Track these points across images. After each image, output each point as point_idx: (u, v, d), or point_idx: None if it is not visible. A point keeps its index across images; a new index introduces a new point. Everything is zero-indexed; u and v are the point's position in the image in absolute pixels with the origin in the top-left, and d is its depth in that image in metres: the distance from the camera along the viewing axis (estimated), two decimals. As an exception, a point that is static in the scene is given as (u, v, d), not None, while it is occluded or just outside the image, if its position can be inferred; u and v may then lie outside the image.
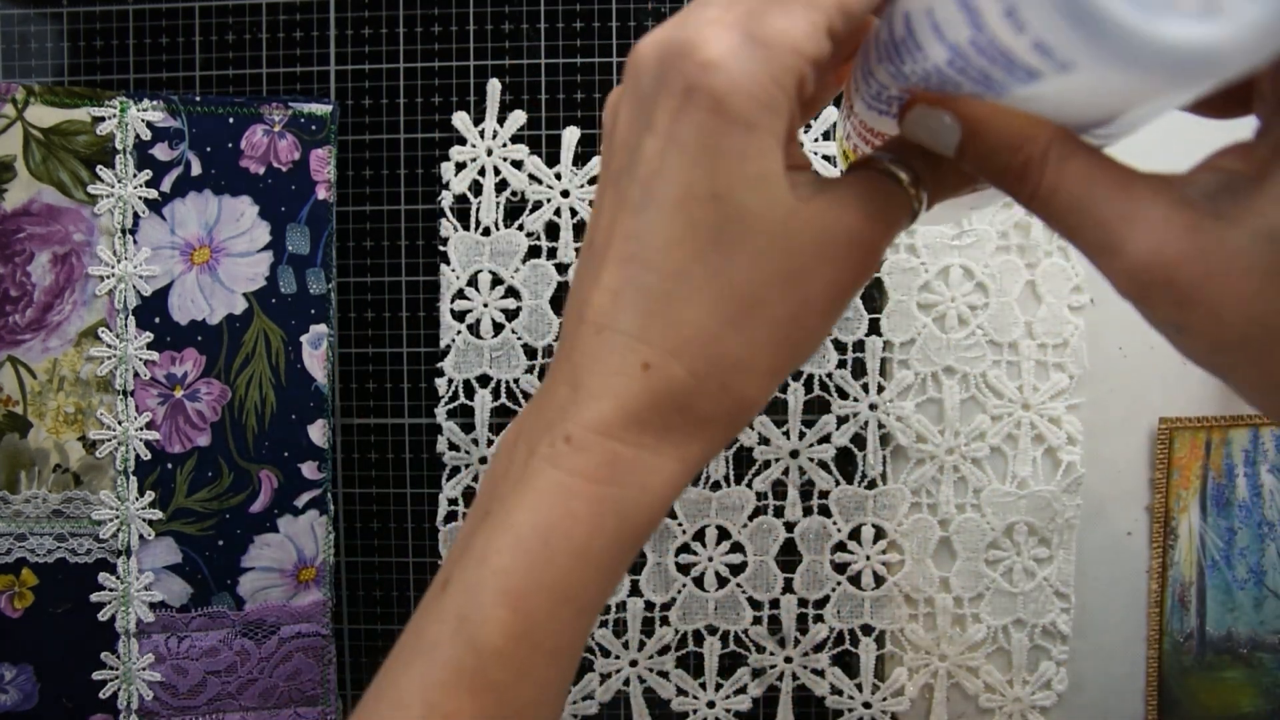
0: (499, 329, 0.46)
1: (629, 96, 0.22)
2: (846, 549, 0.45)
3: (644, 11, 0.45)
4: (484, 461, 0.46)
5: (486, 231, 0.46)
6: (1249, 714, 0.45)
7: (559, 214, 0.45)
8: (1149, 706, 0.45)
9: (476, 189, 0.46)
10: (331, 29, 0.46)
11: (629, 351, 0.21)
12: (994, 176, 0.21)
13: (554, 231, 0.46)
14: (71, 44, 0.46)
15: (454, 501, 0.46)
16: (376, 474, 0.47)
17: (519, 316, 0.46)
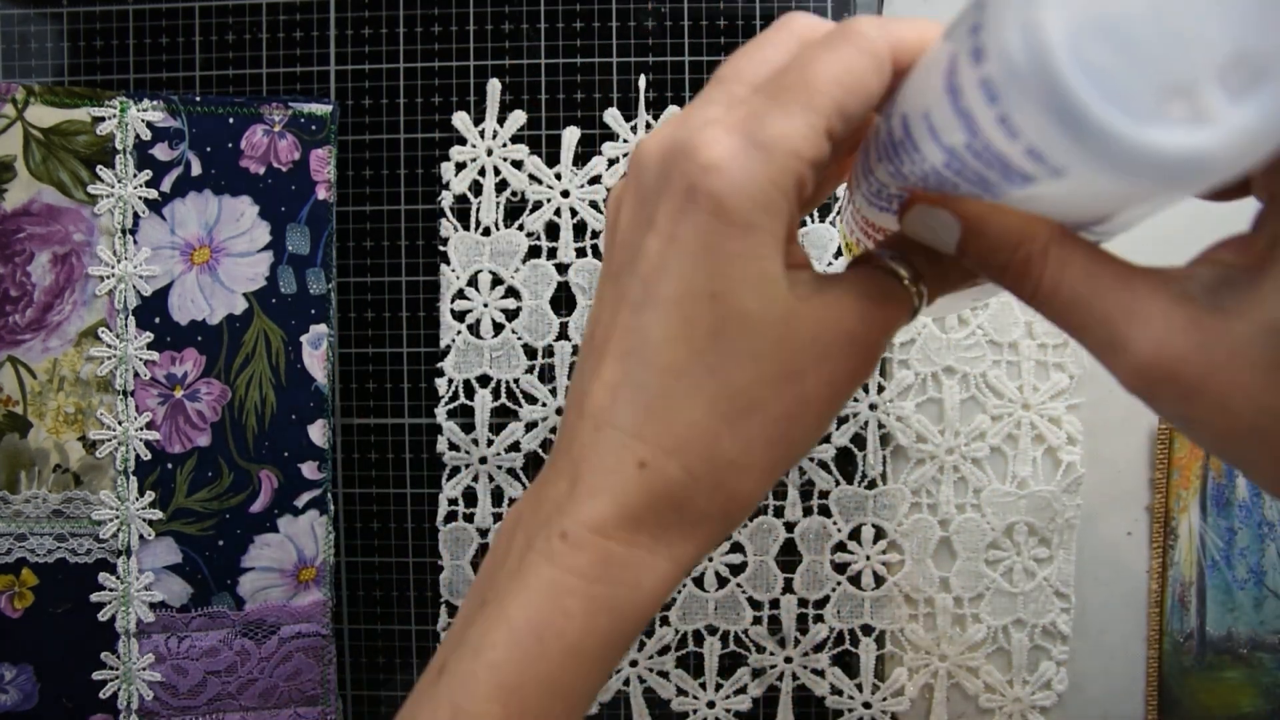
0: (499, 329, 0.46)
1: (632, 193, 0.23)
2: (846, 549, 0.45)
3: (644, 11, 0.45)
4: (484, 461, 0.46)
5: (486, 231, 0.46)
6: (1249, 714, 0.45)
7: (559, 214, 0.45)
8: (1149, 706, 0.45)
9: (476, 189, 0.46)
10: (331, 29, 0.46)
11: (625, 449, 0.21)
12: (995, 274, 0.21)
13: (554, 232, 0.46)
14: (71, 44, 0.46)
15: (454, 501, 0.46)
16: (376, 474, 0.47)
17: (519, 317, 0.46)
